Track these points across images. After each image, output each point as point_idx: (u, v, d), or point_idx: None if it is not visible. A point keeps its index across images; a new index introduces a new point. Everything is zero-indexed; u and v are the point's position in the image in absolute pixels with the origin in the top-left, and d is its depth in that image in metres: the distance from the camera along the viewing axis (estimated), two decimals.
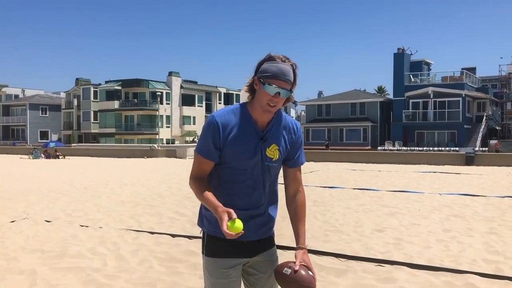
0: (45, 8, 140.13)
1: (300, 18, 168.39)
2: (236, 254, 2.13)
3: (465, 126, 39.89)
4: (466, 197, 10.08)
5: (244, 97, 2.16)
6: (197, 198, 2.09)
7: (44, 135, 65.77)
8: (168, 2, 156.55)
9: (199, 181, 2.09)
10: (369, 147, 40.41)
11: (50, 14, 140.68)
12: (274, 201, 2.24)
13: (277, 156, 2.12)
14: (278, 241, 5.68)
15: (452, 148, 34.50)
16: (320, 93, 66.79)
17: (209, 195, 2.02)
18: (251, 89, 2.09)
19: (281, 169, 2.24)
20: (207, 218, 2.16)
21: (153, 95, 55.90)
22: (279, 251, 5.28)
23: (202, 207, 2.22)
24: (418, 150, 33.33)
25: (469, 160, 21.88)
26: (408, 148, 36.83)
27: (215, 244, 2.12)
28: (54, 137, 64.24)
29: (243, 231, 1.88)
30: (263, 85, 2.00)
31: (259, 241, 2.18)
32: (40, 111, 66.67)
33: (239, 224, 1.88)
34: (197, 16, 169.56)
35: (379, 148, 38.43)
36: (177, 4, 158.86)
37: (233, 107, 2.13)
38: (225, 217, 1.89)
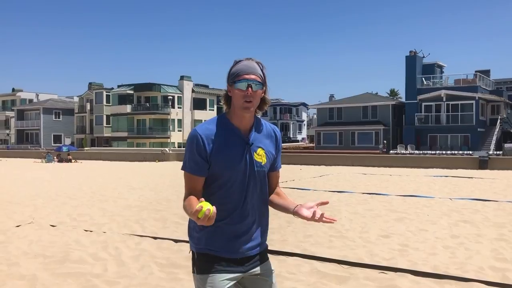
0: (58, 12, 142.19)
1: (312, 22, 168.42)
2: (230, 269, 2.05)
3: (478, 129, 39.34)
4: (477, 202, 9.90)
5: None
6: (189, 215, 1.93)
7: (57, 139, 66.42)
8: (180, 5, 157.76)
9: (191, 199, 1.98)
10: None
11: (64, 18, 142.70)
12: (265, 213, 2.17)
13: (265, 161, 2.07)
14: (281, 247, 5.66)
15: (465, 152, 34.01)
16: (331, 96, 66.60)
17: (193, 200, 1.93)
18: (227, 100, 2.09)
19: None
20: (195, 235, 2.08)
21: (165, 99, 56.25)
22: (282, 257, 5.21)
23: (189, 223, 2.13)
24: (431, 154, 32.89)
25: (483, 164, 21.59)
26: (421, 152, 36.38)
27: (206, 262, 2.05)
28: (67, 141, 64.82)
29: (209, 208, 1.76)
30: (235, 84, 1.99)
31: (253, 256, 2.10)
32: (54, 115, 67.41)
33: (204, 207, 1.77)
34: (208, 20, 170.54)
35: (391, 151, 38.06)
36: (189, 8, 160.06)
37: (213, 118, 2.11)
38: (196, 209, 1.78)
